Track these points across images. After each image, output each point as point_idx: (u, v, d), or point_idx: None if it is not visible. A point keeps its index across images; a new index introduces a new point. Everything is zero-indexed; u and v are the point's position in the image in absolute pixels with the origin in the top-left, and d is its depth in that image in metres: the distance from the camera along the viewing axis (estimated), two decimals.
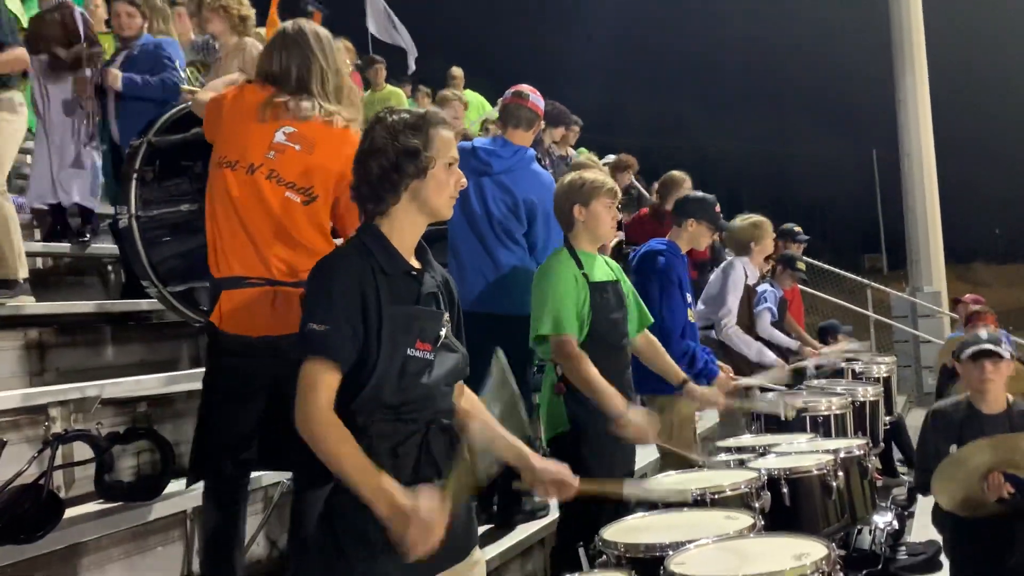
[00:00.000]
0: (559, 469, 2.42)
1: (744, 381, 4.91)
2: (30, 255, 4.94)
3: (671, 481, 3.33)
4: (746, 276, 5.72)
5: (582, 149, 9.93)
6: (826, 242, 30.16)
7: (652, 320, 3.97)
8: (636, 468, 3.87)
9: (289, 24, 3.19)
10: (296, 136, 3.00)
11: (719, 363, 4.82)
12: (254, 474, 3.48)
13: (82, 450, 3.49)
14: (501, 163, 4.31)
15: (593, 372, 3.43)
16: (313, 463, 2.13)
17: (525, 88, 4.48)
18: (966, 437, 4.06)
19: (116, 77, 5.38)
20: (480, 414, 2.46)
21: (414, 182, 2.23)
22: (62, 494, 3.40)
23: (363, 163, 2.26)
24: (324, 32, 3.17)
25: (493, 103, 6.39)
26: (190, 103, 3.44)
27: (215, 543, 3.09)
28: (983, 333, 4.45)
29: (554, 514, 4.42)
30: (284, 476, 3.75)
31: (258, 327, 2.94)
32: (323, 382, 2.10)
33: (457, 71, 10.70)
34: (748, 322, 5.70)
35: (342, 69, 3.20)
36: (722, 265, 6.02)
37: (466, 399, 2.44)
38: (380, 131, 2.25)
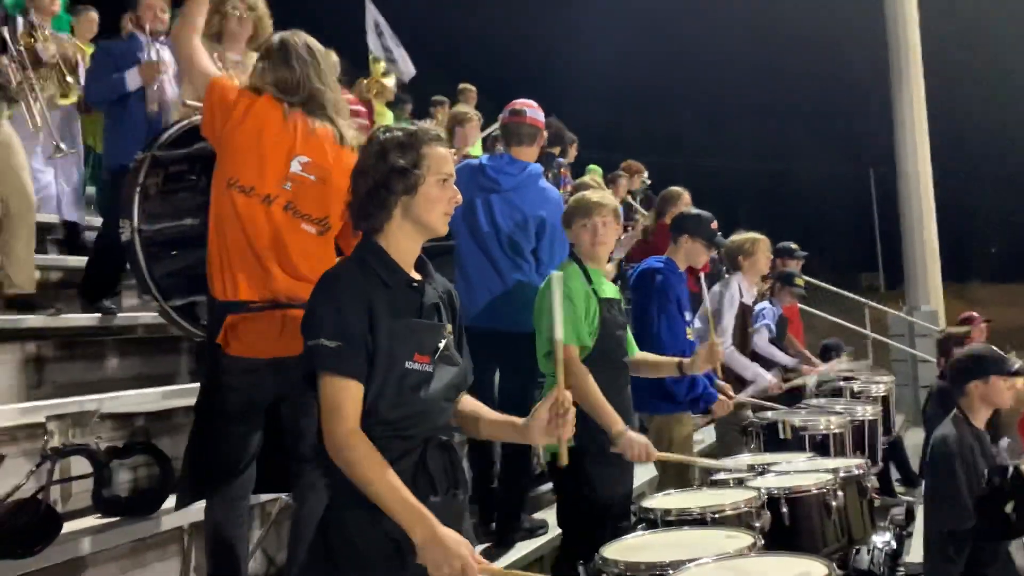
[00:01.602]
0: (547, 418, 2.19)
1: (740, 397, 4.92)
2: None
3: (671, 500, 3.32)
4: (741, 294, 5.71)
5: (593, 166, 9.89)
6: (823, 260, 30.11)
7: (636, 349, 3.92)
8: (634, 486, 3.86)
9: (287, 35, 3.11)
10: (311, 166, 3.00)
11: (719, 382, 4.81)
12: None
13: (80, 464, 3.49)
14: (510, 180, 4.34)
15: (594, 388, 3.43)
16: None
17: (520, 104, 4.49)
18: (984, 455, 4.06)
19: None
20: (481, 411, 2.40)
21: (404, 199, 2.24)
22: (60, 508, 3.38)
23: (355, 181, 2.28)
24: (316, 43, 3.14)
25: (489, 120, 6.34)
26: (195, 118, 3.43)
27: (220, 562, 3.05)
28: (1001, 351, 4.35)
29: (553, 532, 4.41)
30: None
31: (268, 350, 2.95)
32: (346, 401, 2.09)
33: (468, 86, 10.16)
34: (741, 340, 5.69)
35: (335, 81, 3.21)
36: (719, 284, 6.02)
37: (468, 401, 2.40)
38: (371, 149, 2.27)
